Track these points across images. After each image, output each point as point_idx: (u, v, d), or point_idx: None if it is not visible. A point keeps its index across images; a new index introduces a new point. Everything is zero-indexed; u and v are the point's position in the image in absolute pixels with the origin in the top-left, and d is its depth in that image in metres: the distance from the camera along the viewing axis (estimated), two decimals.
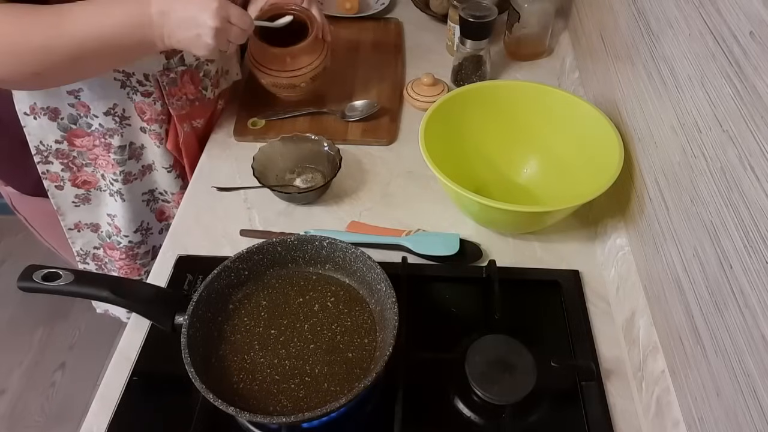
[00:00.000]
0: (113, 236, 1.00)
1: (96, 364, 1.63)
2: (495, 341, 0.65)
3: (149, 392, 0.68)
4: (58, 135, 0.86)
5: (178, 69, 0.86)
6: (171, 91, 0.87)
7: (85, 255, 1.03)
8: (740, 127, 0.48)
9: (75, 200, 0.94)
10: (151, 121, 0.88)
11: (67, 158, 0.89)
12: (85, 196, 0.95)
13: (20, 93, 0.81)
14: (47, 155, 0.88)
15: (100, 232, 1.00)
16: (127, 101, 0.86)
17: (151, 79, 0.84)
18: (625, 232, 0.75)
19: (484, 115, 0.86)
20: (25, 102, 0.82)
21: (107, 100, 0.84)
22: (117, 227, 0.98)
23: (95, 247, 1.03)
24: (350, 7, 1.22)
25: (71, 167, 0.91)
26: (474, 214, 0.81)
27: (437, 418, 0.64)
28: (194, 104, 0.92)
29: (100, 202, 0.97)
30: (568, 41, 1.11)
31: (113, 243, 1.01)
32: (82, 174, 0.92)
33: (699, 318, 0.54)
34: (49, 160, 0.88)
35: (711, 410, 0.52)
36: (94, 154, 0.90)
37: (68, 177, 0.91)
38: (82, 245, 1.01)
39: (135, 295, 0.65)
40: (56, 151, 0.88)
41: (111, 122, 0.86)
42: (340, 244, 0.69)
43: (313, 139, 0.88)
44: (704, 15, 0.55)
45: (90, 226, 0.99)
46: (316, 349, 0.64)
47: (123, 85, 0.84)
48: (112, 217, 0.98)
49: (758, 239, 0.45)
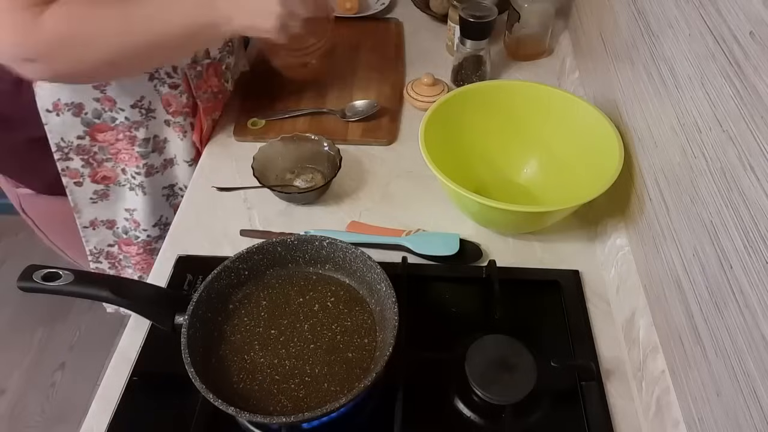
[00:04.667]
0: (131, 231, 1.01)
1: (96, 364, 1.63)
2: (495, 341, 0.65)
3: (149, 392, 0.67)
4: (81, 131, 0.86)
5: (203, 62, 0.88)
6: (198, 84, 0.90)
7: (98, 253, 1.03)
8: (740, 127, 0.48)
9: (93, 196, 0.95)
10: (176, 113, 0.90)
11: (88, 154, 0.90)
12: (104, 192, 0.95)
13: (44, 90, 0.81)
14: (68, 152, 0.88)
15: (116, 228, 1.01)
16: (154, 93, 0.87)
17: (179, 72, 0.86)
18: (625, 232, 0.75)
19: (484, 115, 0.86)
20: (48, 99, 0.82)
21: (134, 93, 0.85)
22: (136, 221, 0.99)
23: (110, 245, 1.03)
24: (350, 7, 1.22)
25: (91, 163, 0.91)
26: (474, 214, 0.81)
27: (437, 418, 0.64)
28: (218, 97, 0.95)
29: (118, 198, 0.97)
30: (568, 41, 1.11)
31: (130, 238, 1.02)
32: (102, 169, 0.93)
33: (699, 318, 0.54)
34: (70, 157, 0.89)
35: (711, 410, 0.52)
36: (116, 148, 0.91)
37: (88, 173, 0.92)
38: (96, 243, 1.01)
39: (135, 295, 0.65)
40: (77, 147, 0.88)
41: (137, 115, 0.87)
42: (340, 244, 0.69)
43: (313, 139, 0.88)
44: (704, 15, 0.55)
45: (106, 223, 0.99)
46: (316, 349, 0.64)
47: (151, 78, 0.85)
48: (131, 211, 0.98)
49: (758, 239, 0.45)
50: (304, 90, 1.05)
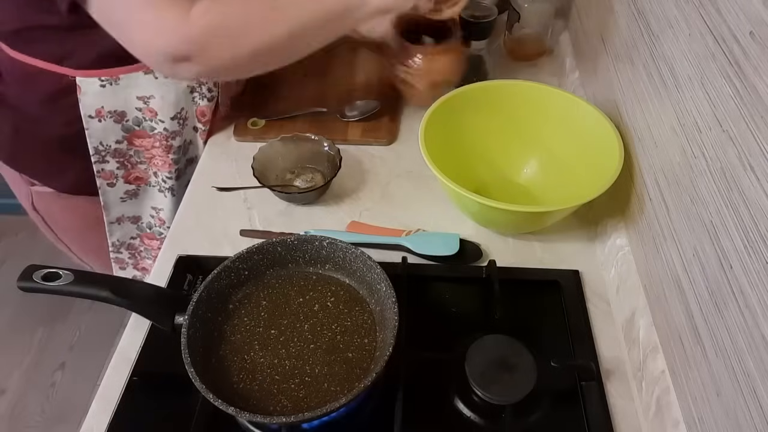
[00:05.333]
0: (155, 227, 1.03)
1: (96, 364, 1.63)
2: (495, 341, 0.65)
3: (149, 392, 0.68)
4: (120, 135, 0.88)
5: None
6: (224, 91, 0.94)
7: (120, 245, 1.04)
8: (740, 127, 0.48)
9: (123, 196, 0.96)
10: (207, 122, 0.95)
11: (123, 157, 0.91)
12: (134, 191, 0.97)
13: (87, 97, 0.82)
14: (105, 155, 0.89)
15: (140, 223, 1.03)
16: (192, 105, 0.90)
17: (219, 84, 0.90)
18: (625, 232, 0.75)
19: (484, 115, 0.86)
20: (92, 107, 0.83)
21: (176, 106, 0.88)
22: (161, 219, 1.01)
23: (132, 237, 1.04)
24: None
25: (126, 165, 0.93)
26: (474, 214, 0.81)
27: (437, 418, 0.64)
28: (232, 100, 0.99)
29: (147, 196, 0.99)
30: (568, 41, 1.11)
31: (154, 234, 1.04)
32: (135, 171, 0.94)
33: (699, 318, 0.54)
34: (106, 159, 0.90)
35: (711, 410, 0.52)
36: (151, 153, 0.92)
37: (122, 174, 0.93)
38: (120, 236, 1.03)
39: (135, 295, 0.65)
40: (114, 151, 0.90)
41: (176, 125, 0.90)
42: (340, 244, 0.69)
43: (313, 139, 0.88)
44: (704, 15, 0.55)
45: (131, 219, 1.01)
46: (316, 349, 0.64)
47: (192, 90, 0.88)
48: (158, 210, 1.00)
49: (758, 239, 0.45)
50: (305, 90, 1.05)
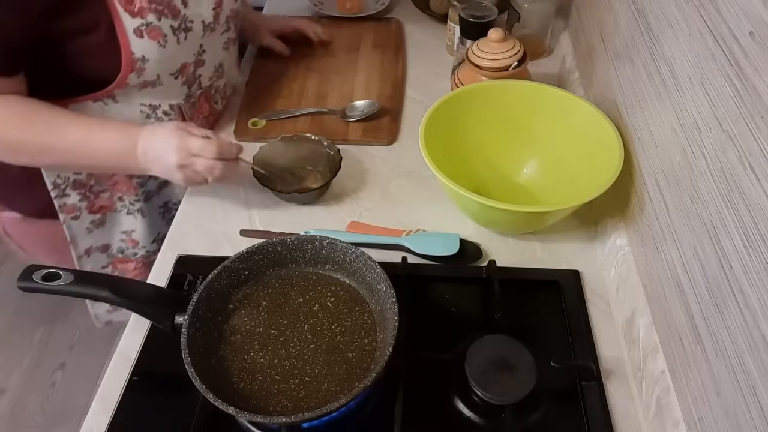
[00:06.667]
0: (128, 250, 1.02)
1: (96, 364, 1.63)
2: (495, 341, 0.65)
3: (149, 392, 0.68)
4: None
5: (196, 93, 0.89)
6: (192, 115, 0.91)
7: None
8: (740, 127, 0.48)
9: (89, 226, 0.95)
10: None
11: (84, 187, 0.90)
12: (100, 220, 0.96)
13: None
14: (64, 188, 0.88)
15: (111, 250, 1.01)
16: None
17: (175, 108, 0.87)
18: (625, 232, 0.75)
19: (484, 115, 0.86)
20: None
21: None
22: (134, 241, 1.00)
23: (103, 267, 1.03)
24: (350, 7, 1.22)
25: (88, 196, 0.92)
26: (474, 214, 0.81)
27: (437, 418, 0.64)
28: (208, 119, 0.96)
29: (114, 223, 0.98)
30: (568, 41, 1.11)
31: (127, 257, 1.02)
32: (99, 200, 0.93)
33: (699, 318, 0.54)
34: (66, 193, 0.89)
35: (711, 410, 0.52)
36: (113, 180, 0.92)
37: (85, 206, 0.92)
38: (91, 267, 1.02)
39: (135, 295, 0.65)
40: (73, 183, 0.89)
41: None
42: (340, 244, 0.69)
43: (314, 139, 0.88)
44: (704, 15, 0.55)
45: (99, 248, 1.00)
46: (316, 349, 0.64)
47: (148, 116, 0.86)
48: (129, 233, 0.99)
49: (758, 239, 0.45)
50: (305, 90, 1.05)
